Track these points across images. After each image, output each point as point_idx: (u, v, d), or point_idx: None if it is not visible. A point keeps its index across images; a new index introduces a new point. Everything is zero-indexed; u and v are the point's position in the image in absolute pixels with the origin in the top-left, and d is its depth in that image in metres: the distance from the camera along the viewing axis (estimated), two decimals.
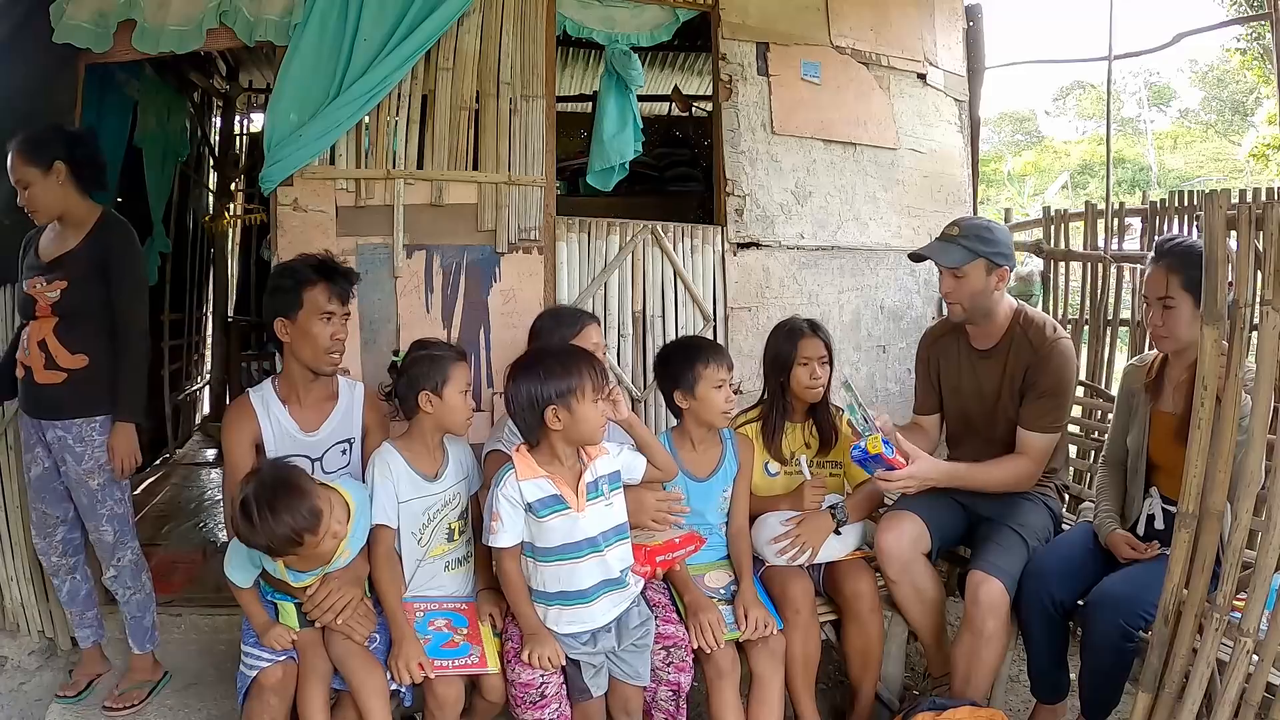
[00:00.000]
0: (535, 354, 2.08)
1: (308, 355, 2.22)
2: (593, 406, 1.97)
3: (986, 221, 2.53)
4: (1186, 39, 5.20)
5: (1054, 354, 2.38)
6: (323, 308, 2.21)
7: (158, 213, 4.69)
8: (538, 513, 1.96)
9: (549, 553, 1.98)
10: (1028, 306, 2.53)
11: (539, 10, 3.16)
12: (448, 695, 1.99)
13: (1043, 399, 2.38)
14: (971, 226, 2.45)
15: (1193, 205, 4.06)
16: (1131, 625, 2.04)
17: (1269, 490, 1.73)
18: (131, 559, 2.61)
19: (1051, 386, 2.38)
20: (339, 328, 2.24)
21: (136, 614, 2.63)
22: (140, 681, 2.64)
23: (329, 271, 2.25)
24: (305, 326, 2.20)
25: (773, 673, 2.23)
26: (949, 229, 2.48)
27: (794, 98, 3.51)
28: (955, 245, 2.41)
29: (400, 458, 2.13)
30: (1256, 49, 11.30)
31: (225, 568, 2.03)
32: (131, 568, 2.61)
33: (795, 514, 2.44)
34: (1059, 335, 2.43)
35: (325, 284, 2.22)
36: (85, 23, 2.83)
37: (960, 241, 2.40)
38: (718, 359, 2.39)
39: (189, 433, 5.96)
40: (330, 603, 1.99)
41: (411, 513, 2.13)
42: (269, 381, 2.32)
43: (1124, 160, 17.92)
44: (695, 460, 2.46)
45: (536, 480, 1.97)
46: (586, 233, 3.23)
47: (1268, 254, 1.67)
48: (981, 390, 2.52)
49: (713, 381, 2.37)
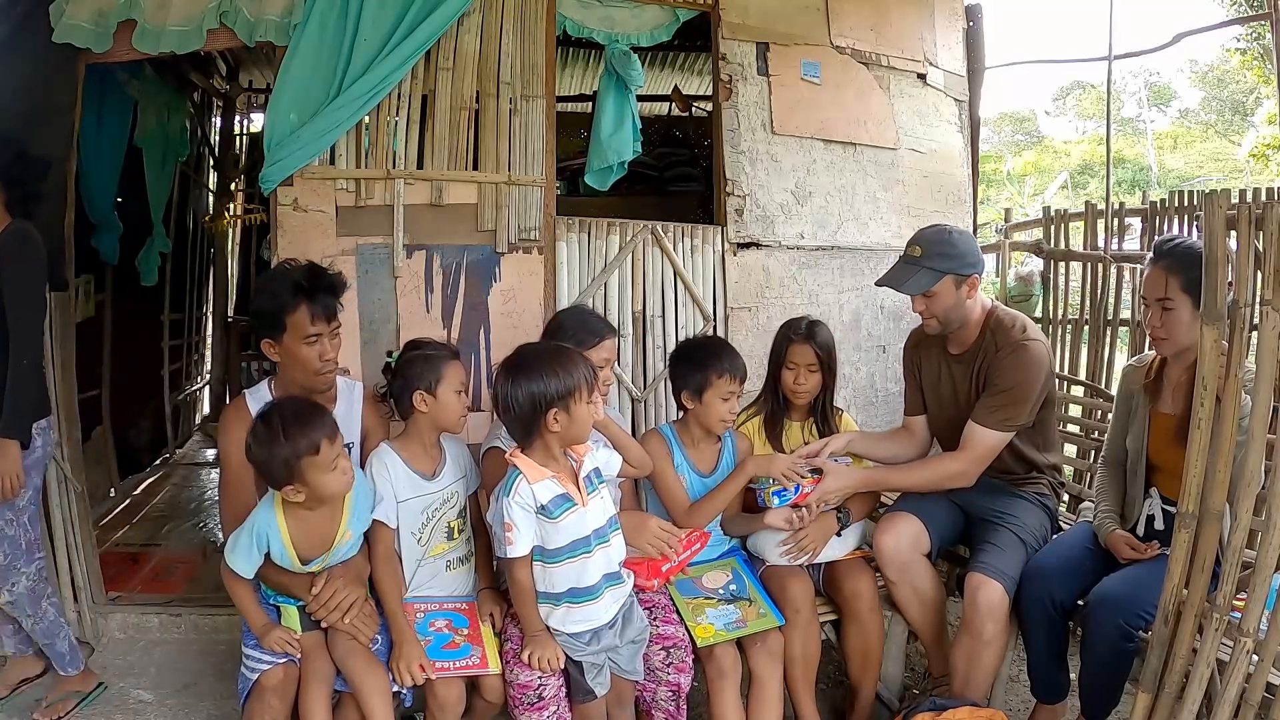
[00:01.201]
0: (529, 355, 2.02)
1: (299, 376, 2.17)
2: (587, 407, 1.98)
3: (946, 232, 2.44)
4: (1186, 39, 5.21)
5: (1016, 352, 2.35)
6: (306, 331, 2.11)
7: (158, 213, 4.69)
8: (551, 513, 1.95)
9: (560, 552, 1.97)
10: (1001, 308, 2.50)
11: (539, 10, 3.16)
12: (448, 696, 1.99)
13: (996, 395, 2.35)
14: (931, 242, 2.40)
15: (1193, 205, 4.07)
16: (1131, 625, 2.04)
17: (1269, 490, 1.73)
18: (27, 585, 2.43)
19: (1006, 383, 2.34)
20: (327, 347, 2.16)
21: (46, 641, 2.51)
22: (69, 692, 2.56)
23: (311, 290, 2.12)
24: (292, 350, 2.14)
25: (772, 671, 2.23)
26: (909, 249, 2.44)
27: (794, 98, 3.51)
28: (918, 268, 2.38)
29: (398, 458, 2.13)
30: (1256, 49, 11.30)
31: (226, 556, 1.97)
32: (28, 594, 2.44)
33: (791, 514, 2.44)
34: (1027, 337, 2.38)
35: (306, 305, 2.11)
36: (84, 22, 2.83)
37: (923, 263, 2.38)
38: (732, 371, 2.37)
39: (189, 433, 5.96)
40: (336, 601, 1.98)
41: (410, 512, 2.13)
42: (266, 383, 2.29)
43: (1124, 160, 17.91)
44: (698, 456, 2.47)
45: (545, 482, 1.96)
46: (586, 233, 3.23)
47: (1268, 254, 1.66)
48: (956, 394, 2.52)
49: (721, 392, 2.36)
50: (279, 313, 2.12)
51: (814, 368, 2.52)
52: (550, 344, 2.13)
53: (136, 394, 4.98)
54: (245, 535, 1.95)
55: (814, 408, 2.61)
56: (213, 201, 6.11)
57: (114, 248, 4.25)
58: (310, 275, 2.16)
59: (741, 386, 2.40)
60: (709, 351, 2.42)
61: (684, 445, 2.47)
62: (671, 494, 2.40)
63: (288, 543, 1.96)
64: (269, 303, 2.14)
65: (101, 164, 3.95)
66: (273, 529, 1.95)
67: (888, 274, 2.49)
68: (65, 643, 2.57)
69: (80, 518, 2.96)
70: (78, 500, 2.95)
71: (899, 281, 2.43)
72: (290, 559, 1.98)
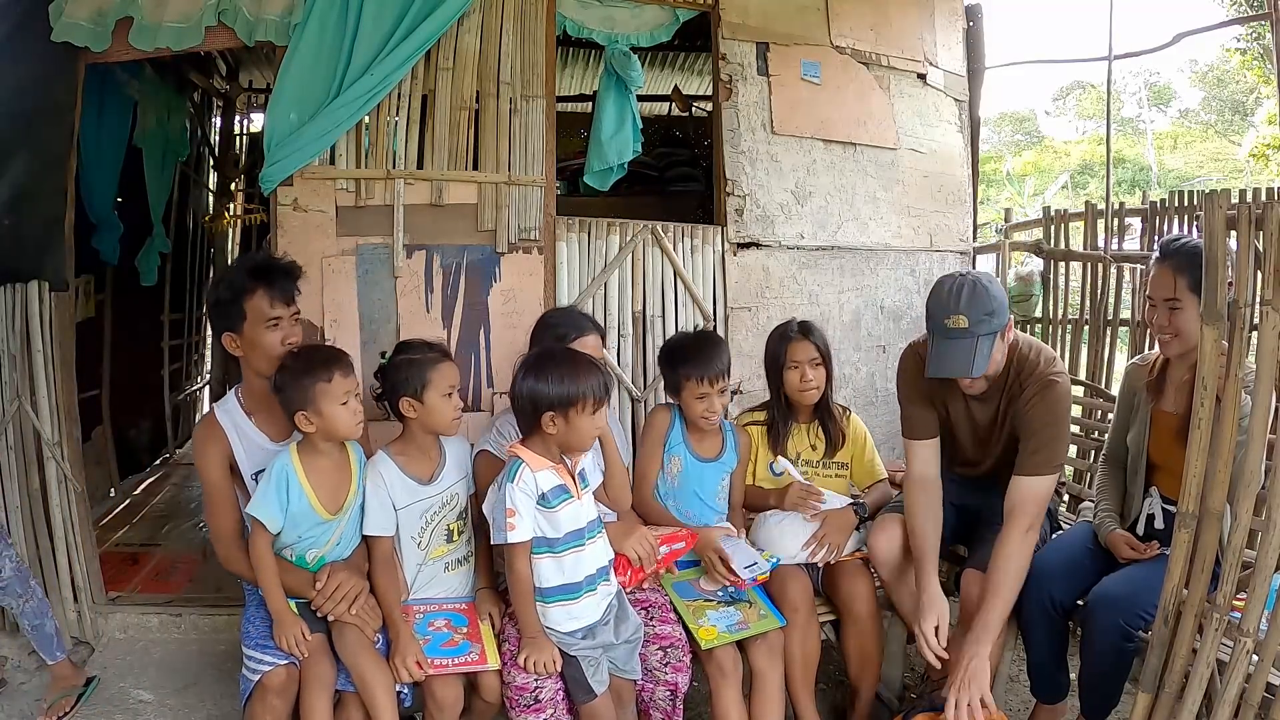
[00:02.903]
0: (545, 355, 2.07)
1: (264, 366, 2.15)
2: (590, 419, 1.99)
3: (978, 289, 2.15)
4: (1186, 39, 5.20)
5: (1044, 392, 2.22)
6: (267, 315, 2.12)
7: (158, 213, 4.69)
8: (550, 502, 1.98)
9: (558, 543, 2.00)
10: (1023, 338, 2.34)
11: (539, 10, 3.16)
12: (447, 696, 1.99)
13: (1034, 441, 2.20)
14: (971, 308, 2.13)
15: (1193, 205, 4.07)
16: (1131, 625, 2.04)
17: (1269, 490, 1.73)
18: (13, 567, 2.53)
19: (1042, 428, 2.21)
20: (289, 330, 2.16)
21: (35, 622, 2.55)
22: (65, 689, 2.57)
23: (266, 274, 2.14)
24: (253, 338, 2.14)
25: (772, 667, 2.24)
26: (951, 322, 2.14)
27: (794, 98, 3.51)
28: (972, 340, 2.14)
29: (393, 464, 2.12)
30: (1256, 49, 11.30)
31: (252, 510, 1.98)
32: (15, 575, 2.53)
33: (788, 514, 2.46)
34: (1052, 371, 2.25)
35: (264, 289, 2.12)
36: (83, 21, 2.82)
37: (974, 332, 2.13)
38: (702, 370, 2.38)
39: (189, 433, 5.94)
40: (341, 593, 1.99)
41: (410, 517, 2.12)
42: (233, 393, 2.26)
43: (1124, 160, 17.90)
44: (697, 439, 2.52)
45: (545, 471, 1.99)
46: (586, 233, 3.23)
47: (1268, 254, 1.66)
48: (975, 428, 2.43)
49: (694, 393, 2.40)
50: (238, 299, 2.13)
51: (817, 361, 2.52)
52: (572, 351, 2.15)
53: (136, 394, 4.98)
54: (267, 483, 2.00)
55: (816, 409, 2.61)
56: (213, 201, 6.10)
57: (114, 248, 4.25)
58: (265, 260, 2.22)
59: (716, 386, 2.39)
60: (683, 353, 2.45)
61: (686, 426, 2.51)
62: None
63: (307, 487, 2.00)
64: (226, 293, 2.15)
65: (101, 164, 3.95)
66: (291, 473, 2.01)
67: (945, 363, 2.18)
68: (52, 623, 2.60)
69: (80, 518, 2.95)
70: (78, 500, 2.95)
71: (965, 367, 2.15)
72: (312, 504, 2.01)
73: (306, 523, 2.04)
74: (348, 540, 2.11)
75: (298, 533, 2.05)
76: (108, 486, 4.46)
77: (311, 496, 2.03)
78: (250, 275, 2.14)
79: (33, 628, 2.56)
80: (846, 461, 2.64)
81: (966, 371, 2.16)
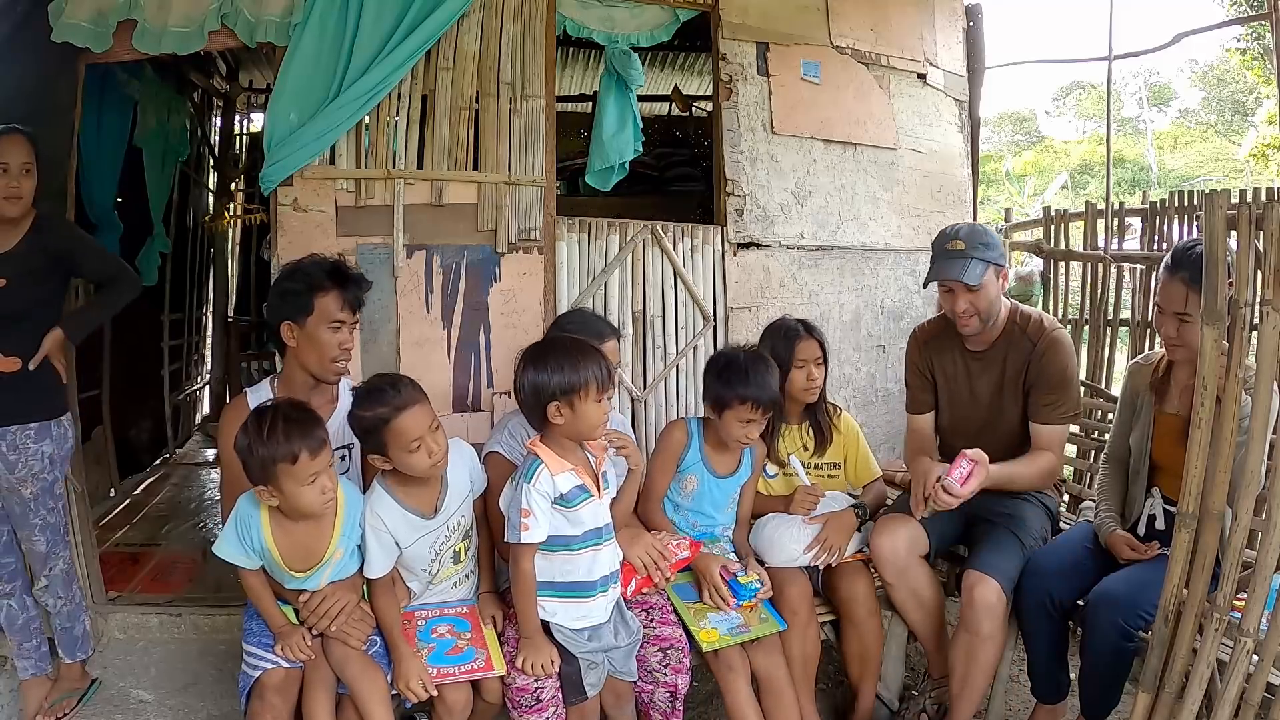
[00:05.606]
0: (544, 346, 2.05)
1: (313, 363, 2.17)
2: (595, 405, 1.96)
3: (979, 225, 2.45)
4: (1186, 39, 5.20)
5: (1054, 345, 2.39)
6: (333, 316, 2.15)
7: (158, 213, 4.69)
8: (570, 501, 1.96)
9: (574, 540, 1.98)
10: (1020, 305, 2.52)
11: (539, 10, 3.16)
12: (456, 701, 1.99)
13: (1051, 391, 2.38)
14: (972, 235, 2.36)
15: (1193, 205, 4.07)
16: (1131, 625, 2.04)
17: (1269, 490, 1.73)
18: (63, 569, 2.57)
19: (1056, 377, 2.39)
20: (347, 337, 2.19)
21: (67, 624, 2.59)
22: (69, 690, 2.59)
23: (343, 278, 2.19)
24: (313, 333, 2.15)
25: (776, 666, 2.24)
26: (951, 244, 2.36)
27: (794, 98, 3.51)
28: (969, 260, 2.32)
29: (392, 501, 2.01)
30: (1256, 49, 11.31)
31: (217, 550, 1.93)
32: (63, 577, 2.57)
33: (788, 517, 2.45)
34: (1055, 326, 2.44)
35: (338, 291, 2.17)
36: (84, 22, 2.82)
37: (971, 255, 2.32)
38: (756, 400, 2.28)
39: (189, 433, 5.95)
40: (325, 609, 1.96)
41: (418, 552, 2.06)
42: (267, 382, 2.28)
43: (1124, 160, 17.91)
44: (716, 456, 2.45)
45: (565, 473, 1.97)
46: (586, 233, 3.23)
47: (1268, 254, 1.67)
48: (975, 392, 2.51)
49: (740, 416, 2.31)
50: (308, 293, 2.15)
51: (820, 360, 2.53)
52: (570, 338, 2.11)
53: (136, 394, 4.98)
54: (230, 522, 1.94)
55: (807, 409, 2.60)
56: (213, 201, 6.10)
57: (114, 248, 4.23)
58: (343, 265, 2.27)
59: (761, 416, 2.32)
60: (742, 375, 2.30)
61: (705, 442, 2.45)
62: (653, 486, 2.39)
63: (270, 541, 1.91)
64: (300, 283, 2.17)
65: (101, 164, 3.94)
66: (254, 522, 1.90)
67: (936, 269, 2.39)
68: (83, 626, 2.64)
69: (80, 518, 2.95)
70: (78, 500, 2.95)
71: (955, 272, 2.32)
72: (275, 561, 1.93)
73: (278, 573, 1.97)
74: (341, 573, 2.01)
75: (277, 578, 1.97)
76: (108, 486, 4.45)
77: (275, 555, 1.91)
78: (328, 275, 2.18)
79: (63, 629, 2.60)
80: (839, 462, 2.64)
81: (959, 275, 2.31)
